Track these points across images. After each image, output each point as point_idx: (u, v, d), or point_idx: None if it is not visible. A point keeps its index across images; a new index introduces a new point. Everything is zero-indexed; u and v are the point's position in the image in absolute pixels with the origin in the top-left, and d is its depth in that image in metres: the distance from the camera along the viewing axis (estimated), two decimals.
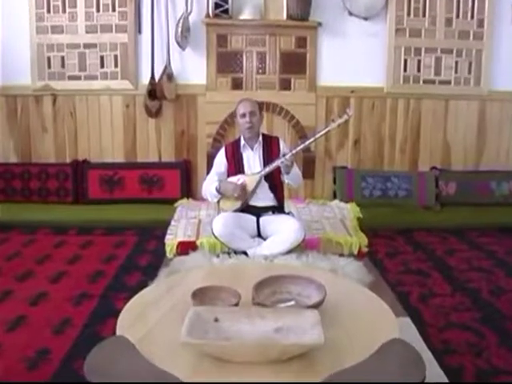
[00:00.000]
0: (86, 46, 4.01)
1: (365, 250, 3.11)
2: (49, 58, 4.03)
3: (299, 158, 4.04)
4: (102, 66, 4.03)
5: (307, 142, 2.90)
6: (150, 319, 1.61)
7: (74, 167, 4.08)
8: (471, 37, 4.08)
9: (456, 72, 4.11)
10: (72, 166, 4.09)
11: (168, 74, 3.95)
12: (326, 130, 2.89)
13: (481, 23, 4.06)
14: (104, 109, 4.12)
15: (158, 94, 3.97)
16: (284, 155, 2.83)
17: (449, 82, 4.13)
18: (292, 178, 2.91)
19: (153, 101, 4.02)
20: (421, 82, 4.12)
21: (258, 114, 2.97)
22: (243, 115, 2.93)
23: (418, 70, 4.09)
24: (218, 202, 3.05)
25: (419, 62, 4.09)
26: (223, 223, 2.85)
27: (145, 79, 4.02)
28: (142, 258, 3.09)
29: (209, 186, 3.01)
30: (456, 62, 4.10)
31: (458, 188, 4.07)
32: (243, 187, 2.90)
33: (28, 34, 4.00)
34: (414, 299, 2.50)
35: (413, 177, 4.08)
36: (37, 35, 4.00)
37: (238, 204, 2.96)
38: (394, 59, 4.06)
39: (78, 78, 4.05)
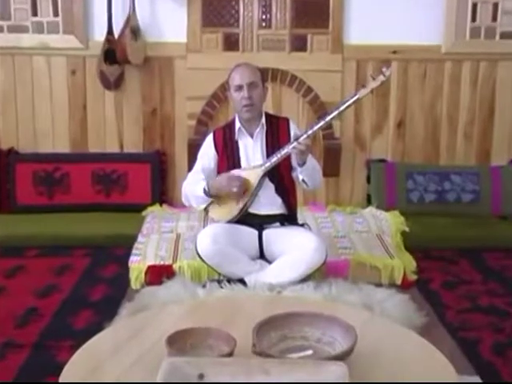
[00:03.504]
0: None
1: (412, 277, 3.12)
2: None
3: (318, 146, 4.05)
4: (35, 12, 4.03)
5: (328, 118, 2.90)
6: (106, 376, 1.61)
7: None
8: None
9: None
10: None
11: (132, 28, 3.96)
12: (355, 98, 2.89)
13: None
14: (39, 76, 4.12)
15: (119, 57, 3.98)
16: (297, 139, 2.84)
17: None
18: (308, 174, 2.91)
19: (111, 66, 4.02)
20: (497, 36, 4.09)
21: (260, 85, 2.98)
22: (239, 88, 2.94)
23: (494, 19, 4.07)
24: (206, 209, 3.06)
25: (495, 6, 4.05)
26: (212, 239, 2.86)
27: (99, 34, 4.03)
28: (95, 289, 3.08)
29: (192, 186, 3.02)
30: None
31: None
32: (240, 177, 2.91)
33: None
34: (486, 350, 2.48)
35: (483, 174, 4.08)
36: None
37: (234, 211, 2.98)
38: (458, 4, 4.04)
39: None
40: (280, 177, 3.00)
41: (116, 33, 3.97)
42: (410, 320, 2.57)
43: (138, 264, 3.10)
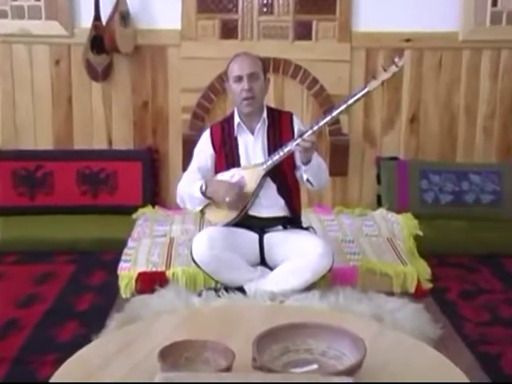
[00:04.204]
0: None
1: (427, 286, 3.12)
2: None
3: (324, 143, 4.05)
4: None
5: (335, 113, 2.90)
6: None
7: None
8: None
9: None
10: None
11: (122, 13, 3.96)
12: (364, 91, 2.89)
13: None
14: (20, 66, 4.13)
15: (107, 45, 3.99)
16: (301, 135, 2.84)
17: None
18: (313, 173, 2.92)
19: (98, 55, 4.03)
20: None
21: (261, 77, 2.99)
22: (239, 79, 2.95)
23: None
24: (202, 211, 3.06)
25: None
26: (208, 243, 2.86)
27: (85, 20, 4.03)
28: (81, 298, 3.09)
29: (188, 187, 3.02)
30: None
31: None
32: (241, 188, 2.92)
33: None
34: (508, 365, 2.48)
35: (505, 173, 4.08)
36: None
37: (233, 214, 2.98)
38: None
39: None
40: (283, 176, 3.01)
41: (104, 19, 3.97)
42: (424, 332, 2.57)
43: (128, 271, 3.10)
